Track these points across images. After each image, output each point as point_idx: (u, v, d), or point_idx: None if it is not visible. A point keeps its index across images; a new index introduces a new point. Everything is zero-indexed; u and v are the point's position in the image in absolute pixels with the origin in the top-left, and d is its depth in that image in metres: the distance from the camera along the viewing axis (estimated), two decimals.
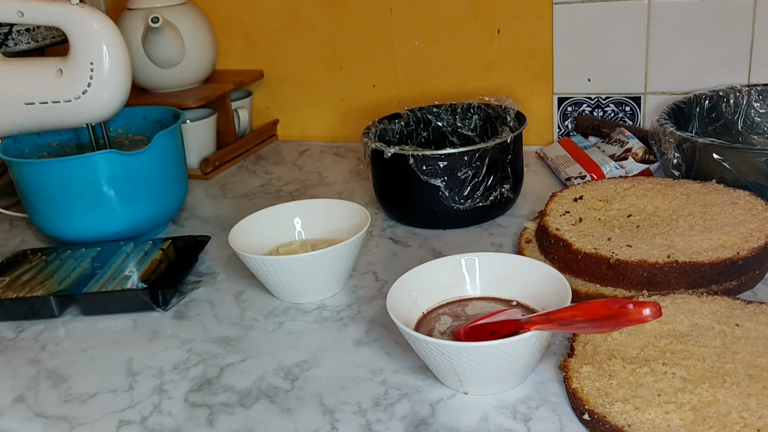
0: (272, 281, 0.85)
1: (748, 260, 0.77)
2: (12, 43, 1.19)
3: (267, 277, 0.84)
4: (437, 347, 0.63)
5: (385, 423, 0.64)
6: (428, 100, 1.17)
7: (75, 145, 1.15)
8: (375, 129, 1.08)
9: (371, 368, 0.73)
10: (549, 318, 0.61)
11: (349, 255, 0.85)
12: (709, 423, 0.57)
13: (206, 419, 0.68)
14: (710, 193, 0.90)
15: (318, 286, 0.85)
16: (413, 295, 0.73)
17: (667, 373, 0.62)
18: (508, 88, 1.28)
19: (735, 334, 0.67)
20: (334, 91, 1.42)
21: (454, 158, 0.95)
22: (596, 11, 1.17)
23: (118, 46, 0.99)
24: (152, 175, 1.03)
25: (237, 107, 1.39)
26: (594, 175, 1.07)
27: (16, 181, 1.04)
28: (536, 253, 0.88)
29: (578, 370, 0.64)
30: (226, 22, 1.44)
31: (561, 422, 0.62)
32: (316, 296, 0.86)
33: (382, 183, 1.04)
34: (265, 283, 0.86)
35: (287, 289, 0.85)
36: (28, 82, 1.00)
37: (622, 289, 0.78)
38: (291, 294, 0.86)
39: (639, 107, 1.21)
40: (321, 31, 1.38)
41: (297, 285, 0.84)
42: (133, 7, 1.30)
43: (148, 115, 1.18)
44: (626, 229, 0.85)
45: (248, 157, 1.39)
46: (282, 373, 0.73)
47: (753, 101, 1.10)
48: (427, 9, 1.28)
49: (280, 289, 0.85)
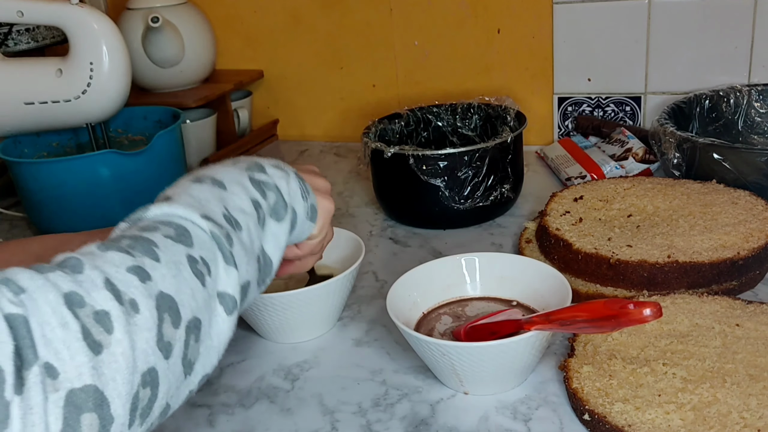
0: (255, 320, 0.76)
1: (749, 260, 0.77)
2: (12, 43, 1.19)
3: (247, 315, 0.76)
4: (437, 347, 0.63)
5: (385, 423, 0.64)
6: (428, 100, 1.17)
7: (75, 145, 1.15)
8: (375, 129, 1.08)
9: (371, 368, 0.73)
10: (549, 318, 0.61)
11: (340, 292, 0.76)
12: (709, 423, 0.57)
13: (206, 419, 0.67)
14: (710, 193, 0.90)
15: (302, 326, 0.77)
16: (413, 295, 0.73)
17: (668, 373, 0.62)
18: (508, 88, 1.28)
19: (735, 334, 0.67)
20: (334, 91, 1.42)
21: (454, 158, 0.95)
22: (596, 11, 1.17)
23: (118, 46, 0.99)
24: (152, 175, 1.03)
25: (237, 107, 1.39)
26: (594, 175, 1.07)
27: (16, 181, 1.04)
28: (536, 253, 0.88)
29: (578, 370, 0.64)
30: (226, 22, 1.44)
31: (561, 422, 0.62)
32: (301, 337, 0.78)
33: (382, 183, 1.04)
34: (247, 320, 0.78)
35: (268, 329, 0.77)
36: (28, 82, 1.00)
37: (623, 289, 0.78)
38: (273, 333, 0.77)
39: (639, 107, 1.21)
40: (321, 31, 1.38)
41: (277, 324, 0.76)
42: (133, 7, 1.30)
43: (148, 115, 1.18)
44: (626, 229, 0.85)
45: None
46: (282, 373, 0.73)
47: (753, 101, 1.10)
48: (427, 9, 1.28)
49: (262, 328, 0.77)
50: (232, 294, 0.48)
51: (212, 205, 0.51)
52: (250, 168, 0.57)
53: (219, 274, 0.47)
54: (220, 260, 0.48)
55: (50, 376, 0.34)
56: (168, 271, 0.43)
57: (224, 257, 0.48)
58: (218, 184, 0.53)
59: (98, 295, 0.38)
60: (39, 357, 0.34)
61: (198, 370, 0.45)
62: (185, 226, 0.47)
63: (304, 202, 0.60)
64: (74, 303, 0.37)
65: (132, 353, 0.38)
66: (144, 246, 0.44)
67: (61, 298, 0.37)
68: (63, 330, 0.36)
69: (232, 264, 0.48)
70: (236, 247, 0.49)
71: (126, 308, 0.39)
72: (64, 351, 0.35)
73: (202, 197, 0.51)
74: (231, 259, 0.48)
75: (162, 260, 0.43)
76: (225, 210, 0.51)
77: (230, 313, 0.47)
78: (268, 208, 0.55)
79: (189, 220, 0.48)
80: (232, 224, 0.51)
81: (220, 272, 0.47)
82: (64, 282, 0.38)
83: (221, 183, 0.54)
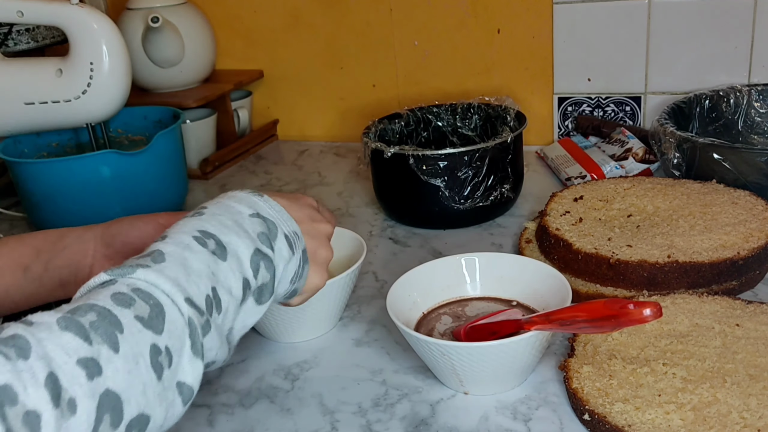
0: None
1: (749, 260, 0.77)
2: (12, 43, 1.19)
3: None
4: (437, 347, 0.63)
5: (385, 423, 0.64)
6: (428, 100, 1.17)
7: (75, 145, 1.15)
8: (375, 129, 1.08)
9: (371, 368, 0.73)
10: (549, 318, 0.61)
11: (341, 291, 0.76)
12: (709, 423, 0.57)
13: (206, 419, 0.67)
14: (710, 193, 0.90)
15: (302, 326, 0.77)
16: (413, 295, 0.73)
17: (668, 373, 0.62)
18: (508, 88, 1.28)
19: (735, 334, 0.67)
20: (334, 91, 1.42)
21: (454, 158, 0.95)
22: (596, 11, 1.17)
23: (118, 46, 0.99)
24: (152, 175, 1.03)
25: (237, 107, 1.39)
26: (594, 175, 1.07)
27: (16, 181, 1.04)
28: (536, 253, 0.88)
29: (578, 371, 0.64)
30: (226, 22, 1.44)
31: (561, 422, 0.62)
32: (301, 337, 0.78)
33: (382, 183, 1.04)
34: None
35: (269, 329, 0.77)
36: (28, 82, 1.00)
37: (623, 289, 0.78)
38: (273, 333, 0.78)
39: (639, 107, 1.21)
40: (321, 31, 1.38)
41: (277, 324, 0.76)
42: (133, 7, 1.30)
43: (148, 115, 1.18)
44: (626, 229, 0.85)
45: (248, 157, 1.39)
46: (282, 373, 0.73)
47: (753, 101, 1.10)
48: (427, 9, 1.28)
49: (263, 328, 0.77)
50: (191, 385, 0.46)
51: (201, 284, 0.48)
52: (261, 237, 0.54)
53: (182, 365, 0.46)
54: (186, 351, 0.46)
55: None
56: (123, 364, 0.41)
57: (192, 347, 0.46)
58: (219, 254, 0.51)
59: (35, 393, 0.36)
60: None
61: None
62: (163, 306, 0.45)
63: (290, 285, 0.58)
64: (7, 400, 0.35)
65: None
66: (107, 329, 0.41)
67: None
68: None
69: (199, 356, 0.47)
70: (210, 336, 0.48)
71: (62, 410, 0.37)
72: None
73: (194, 269, 0.49)
74: (199, 351, 0.47)
75: (120, 351, 0.41)
76: (212, 291, 0.49)
77: (185, 404, 0.46)
78: (255, 288, 0.53)
79: (170, 299, 0.46)
80: (213, 307, 0.49)
81: (183, 363, 0.46)
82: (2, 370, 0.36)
83: (223, 252, 0.51)
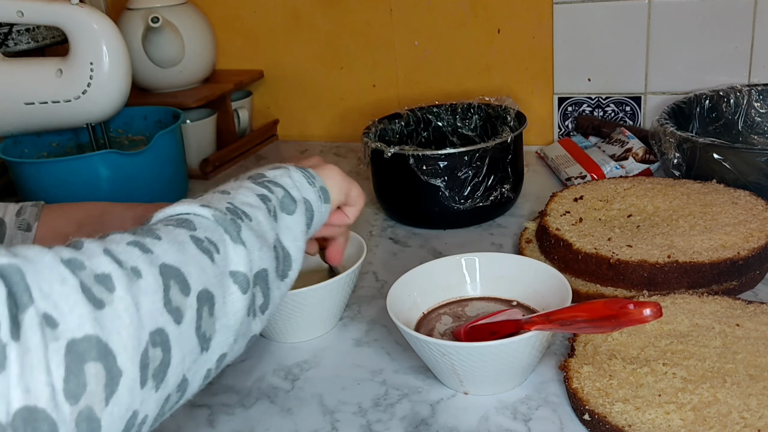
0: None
1: (749, 260, 0.77)
2: (12, 43, 1.19)
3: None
4: (437, 347, 0.63)
5: (386, 423, 0.64)
6: (428, 100, 1.17)
7: (75, 145, 1.15)
8: (375, 129, 1.08)
9: (371, 368, 0.73)
10: (549, 318, 0.61)
11: (341, 291, 0.77)
12: (709, 423, 0.57)
13: (206, 419, 0.67)
14: (710, 193, 0.90)
15: (302, 326, 0.77)
16: (413, 295, 0.73)
17: (668, 373, 0.62)
18: (508, 88, 1.28)
19: (735, 334, 0.67)
20: (334, 91, 1.42)
21: (454, 158, 0.95)
22: (596, 11, 1.17)
23: (118, 46, 0.99)
24: (152, 175, 1.03)
25: (237, 107, 1.39)
26: (594, 175, 1.07)
27: (16, 181, 1.04)
28: (536, 253, 0.88)
29: (579, 371, 0.64)
30: (226, 22, 1.44)
31: (561, 422, 0.62)
32: (301, 337, 0.78)
33: (382, 183, 1.04)
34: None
35: (269, 329, 0.77)
36: (28, 82, 1.00)
37: (623, 289, 0.78)
38: (274, 333, 0.78)
39: (639, 107, 1.21)
40: (321, 31, 1.38)
41: (278, 324, 0.76)
42: (133, 7, 1.30)
43: (148, 115, 1.18)
44: (626, 229, 0.85)
45: (248, 157, 1.39)
46: (282, 373, 0.73)
47: (753, 101, 1.10)
48: (427, 9, 1.28)
49: (265, 328, 0.75)
50: (244, 272, 0.47)
51: (215, 202, 0.50)
52: (252, 176, 0.58)
53: (228, 253, 0.46)
54: (227, 240, 0.47)
55: (49, 326, 0.34)
56: (170, 246, 0.43)
57: (231, 237, 0.47)
58: (220, 191, 0.54)
59: (99, 261, 0.38)
60: (35, 303, 0.33)
61: (215, 347, 0.45)
62: (185, 217, 0.47)
63: (313, 187, 0.60)
64: (74, 265, 0.36)
65: (137, 311, 0.38)
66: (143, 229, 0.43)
67: (59, 260, 0.36)
68: (61, 285, 0.35)
69: (240, 243, 0.47)
70: (245, 231, 0.49)
71: (128, 273, 0.39)
72: (63, 304, 0.35)
73: (204, 198, 0.51)
74: (239, 239, 0.47)
75: (163, 239, 0.43)
76: (230, 204, 0.51)
77: (245, 292, 0.46)
78: (277, 201, 0.55)
79: (188, 212, 0.48)
80: (238, 215, 0.50)
81: (229, 251, 0.46)
82: (62, 251, 0.37)
83: (224, 190, 0.54)
